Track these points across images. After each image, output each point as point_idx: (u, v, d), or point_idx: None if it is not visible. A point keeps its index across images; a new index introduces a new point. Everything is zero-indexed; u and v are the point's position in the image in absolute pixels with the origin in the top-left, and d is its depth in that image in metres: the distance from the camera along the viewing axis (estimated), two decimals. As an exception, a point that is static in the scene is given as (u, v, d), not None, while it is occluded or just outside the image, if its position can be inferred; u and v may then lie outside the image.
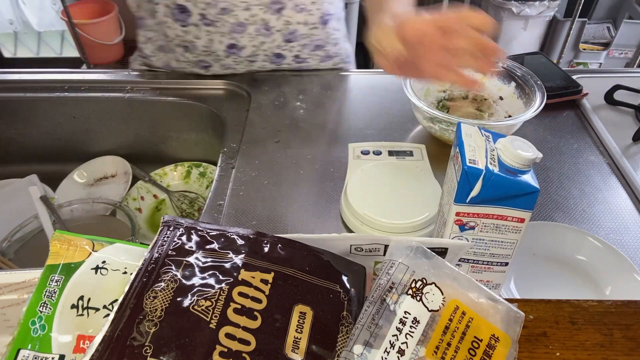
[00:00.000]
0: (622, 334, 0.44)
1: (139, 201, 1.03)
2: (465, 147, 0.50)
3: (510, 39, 2.46)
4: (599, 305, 0.46)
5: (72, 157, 1.11)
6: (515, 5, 2.31)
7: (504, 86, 0.90)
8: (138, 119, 1.07)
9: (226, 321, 0.36)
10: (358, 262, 0.45)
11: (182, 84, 1.05)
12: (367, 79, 1.06)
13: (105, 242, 0.44)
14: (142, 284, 0.38)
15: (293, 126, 0.92)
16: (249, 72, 1.06)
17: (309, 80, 1.05)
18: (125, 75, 1.08)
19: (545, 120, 0.92)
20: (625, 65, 2.52)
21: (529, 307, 0.46)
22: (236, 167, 0.83)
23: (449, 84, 0.92)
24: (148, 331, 0.35)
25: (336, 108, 0.97)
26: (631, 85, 0.95)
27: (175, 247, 0.41)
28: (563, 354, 0.43)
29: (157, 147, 1.12)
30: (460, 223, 0.51)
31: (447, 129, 0.81)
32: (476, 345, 0.38)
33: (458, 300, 0.39)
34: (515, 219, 0.50)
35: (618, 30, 2.43)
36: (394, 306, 0.38)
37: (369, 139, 0.88)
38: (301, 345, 0.37)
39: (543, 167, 0.82)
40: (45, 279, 0.40)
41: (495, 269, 0.54)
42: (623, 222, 0.72)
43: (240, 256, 0.41)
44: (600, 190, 0.78)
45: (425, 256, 0.41)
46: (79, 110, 1.07)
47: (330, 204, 0.76)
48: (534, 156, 0.47)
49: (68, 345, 0.38)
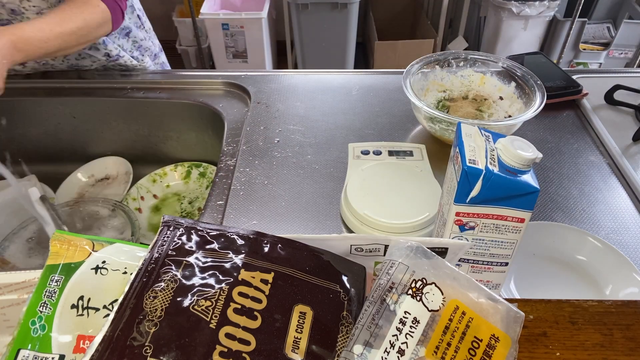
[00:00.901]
0: (622, 334, 0.44)
1: (139, 201, 1.03)
2: (465, 147, 0.50)
3: (510, 39, 2.46)
4: (599, 305, 0.46)
5: (72, 157, 1.11)
6: (515, 5, 2.31)
7: (504, 86, 0.90)
8: (138, 119, 1.07)
9: (226, 321, 0.36)
10: (358, 262, 0.45)
11: (182, 84, 1.05)
12: (367, 79, 1.06)
13: (105, 242, 0.44)
14: (142, 284, 0.38)
15: (293, 126, 0.92)
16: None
17: (309, 80, 1.05)
18: (125, 75, 1.08)
19: (545, 120, 0.93)
20: (625, 65, 2.52)
21: (529, 307, 0.46)
22: (236, 167, 0.83)
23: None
24: (148, 331, 0.35)
25: (336, 108, 0.97)
26: (631, 85, 0.95)
27: (175, 247, 0.41)
28: (563, 354, 0.43)
29: (157, 147, 1.12)
30: (460, 223, 0.51)
31: (447, 129, 0.81)
32: (476, 345, 0.38)
33: (458, 300, 0.39)
34: (515, 219, 0.50)
35: (618, 30, 2.43)
36: (394, 306, 0.38)
37: (369, 139, 0.88)
38: (301, 345, 0.37)
39: (543, 167, 0.82)
40: (45, 279, 0.40)
41: (495, 269, 0.54)
42: (623, 222, 0.72)
43: (240, 256, 0.41)
44: (600, 190, 0.78)
45: (425, 256, 0.41)
46: (79, 110, 1.07)
47: (330, 204, 0.76)
48: (534, 156, 0.47)
49: (68, 345, 0.38)
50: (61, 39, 0.85)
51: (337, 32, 2.41)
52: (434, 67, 0.91)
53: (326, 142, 0.88)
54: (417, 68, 0.88)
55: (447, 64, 0.92)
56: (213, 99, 1.02)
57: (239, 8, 2.58)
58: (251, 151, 0.86)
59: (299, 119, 0.94)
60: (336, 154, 0.85)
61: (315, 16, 2.35)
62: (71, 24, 0.85)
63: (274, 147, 0.87)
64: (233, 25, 2.39)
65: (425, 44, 2.50)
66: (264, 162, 0.84)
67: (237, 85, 1.03)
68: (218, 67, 2.57)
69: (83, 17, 0.87)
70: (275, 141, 0.89)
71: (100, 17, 0.90)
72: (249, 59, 2.53)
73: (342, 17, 2.35)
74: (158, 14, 2.80)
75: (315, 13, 2.33)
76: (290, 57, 2.69)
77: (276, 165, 0.83)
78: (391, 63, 2.49)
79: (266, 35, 2.46)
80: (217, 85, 1.05)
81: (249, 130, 0.91)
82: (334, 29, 2.40)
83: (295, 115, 0.95)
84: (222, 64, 2.56)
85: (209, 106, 1.00)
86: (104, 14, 0.90)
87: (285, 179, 0.80)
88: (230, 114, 0.97)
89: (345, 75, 1.08)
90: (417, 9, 2.84)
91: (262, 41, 2.45)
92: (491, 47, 2.52)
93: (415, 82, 0.87)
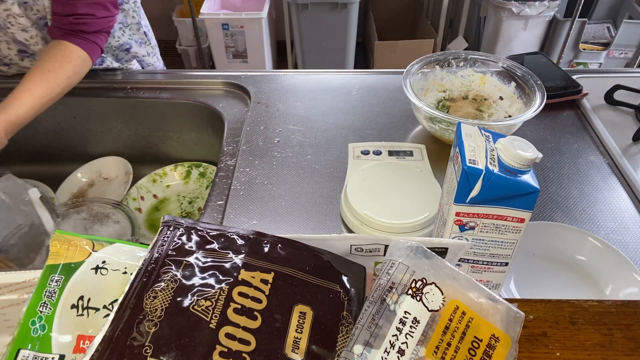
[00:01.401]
0: (622, 334, 0.44)
1: (139, 201, 1.03)
2: (465, 147, 0.50)
3: (510, 39, 2.46)
4: (599, 305, 0.46)
5: (72, 157, 1.11)
6: (515, 5, 2.31)
7: (504, 86, 0.90)
8: (138, 119, 1.07)
9: (226, 321, 0.36)
10: (358, 262, 0.45)
11: (182, 84, 1.05)
12: (367, 79, 1.06)
13: (105, 242, 0.44)
14: (142, 284, 0.38)
15: (293, 126, 0.92)
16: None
17: (309, 80, 1.05)
18: (125, 75, 1.08)
19: (545, 120, 0.92)
20: (625, 65, 2.52)
21: (529, 307, 0.46)
22: (236, 167, 0.83)
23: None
24: (148, 331, 0.35)
25: (336, 108, 0.97)
26: (631, 85, 0.95)
27: (175, 247, 0.41)
28: (563, 354, 0.43)
29: (157, 147, 1.12)
30: (460, 223, 0.51)
31: (447, 129, 0.81)
32: (476, 345, 0.38)
33: (458, 300, 0.39)
34: (515, 219, 0.50)
35: (618, 30, 2.43)
36: (394, 306, 0.38)
37: (369, 139, 0.88)
38: (301, 345, 0.37)
39: (543, 167, 0.82)
40: (45, 279, 0.40)
41: (495, 269, 0.54)
42: (623, 222, 0.72)
43: (240, 256, 0.41)
44: (600, 190, 0.78)
45: (425, 256, 0.41)
46: (79, 110, 1.07)
47: (330, 204, 0.76)
48: (533, 156, 0.47)
49: (68, 345, 0.38)
50: (49, 102, 0.87)
51: (337, 32, 2.41)
52: (434, 67, 0.91)
53: (326, 142, 0.88)
54: (417, 68, 0.88)
55: (447, 64, 0.92)
56: (213, 99, 1.02)
57: (239, 8, 2.58)
58: (251, 151, 0.86)
59: (299, 119, 0.94)
60: (336, 154, 0.85)
61: (315, 16, 2.35)
62: (57, 89, 0.88)
63: (274, 147, 0.87)
64: (233, 25, 2.39)
65: (425, 44, 2.50)
66: (264, 162, 0.84)
67: (237, 85, 1.03)
68: (218, 67, 2.57)
69: (67, 76, 0.89)
70: (275, 141, 0.89)
71: (81, 67, 0.92)
72: (249, 59, 2.53)
73: (342, 17, 2.35)
74: (158, 14, 2.80)
75: (315, 13, 2.33)
76: (290, 57, 2.69)
77: (276, 165, 0.83)
78: (391, 63, 2.49)
79: (266, 35, 2.46)
80: (217, 85, 1.05)
81: (249, 130, 0.91)
82: (334, 29, 2.40)
83: (295, 115, 0.95)
84: (222, 64, 2.56)
85: (209, 106, 1.00)
86: (84, 62, 0.92)
87: (285, 179, 0.80)
88: (230, 114, 0.97)
89: (345, 75, 1.08)
90: (417, 9, 2.84)
91: (262, 41, 2.45)
92: (491, 47, 2.52)
93: (415, 82, 0.87)
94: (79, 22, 0.90)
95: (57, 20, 0.91)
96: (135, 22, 1.10)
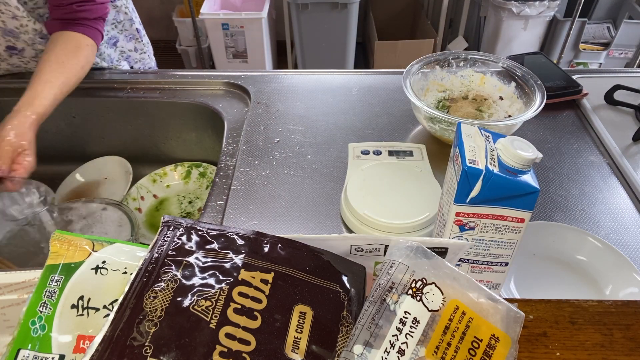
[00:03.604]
0: (622, 334, 0.44)
1: (139, 201, 1.03)
2: (465, 147, 0.50)
3: (510, 39, 2.46)
4: (599, 305, 0.46)
5: (72, 157, 1.11)
6: (515, 5, 2.31)
7: (504, 86, 0.90)
8: (138, 119, 1.07)
9: (226, 321, 0.36)
10: (358, 262, 0.45)
11: (182, 84, 1.05)
12: (367, 79, 1.06)
13: (105, 242, 0.44)
14: (142, 284, 0.38)
15: (293, 126, 0.92)
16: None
17: (309, 80, 1.05)
18: (125, 75, 1.08)
19: (545, 120, 0.93)
20: (625, 65, 2.52)
21: (529, 307, 0.46)
22: (236, 167, 0.83)
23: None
24: (148, 331, 0.35)
25: (336, 108, 0.97)
26: (631, 85, 0.95)
27: (175, 247, 0.41)
28: (563, 354, 0.43)
29: (157, 147, 1.12)
30: (460, 223, 0.51)
31: (447, 129, 0.81)
32: (476, 345, 0.38)
33: (458, 300, 0.39)
34: (515, 219, 0.50)
35: (618, 30, 2.43)
36: (394, 306, 0.38)
37: (369, 139, 0.88)
38: (301, 345, 0.37)
39: (543, 167, 0.82)
40: (45, 279, 0.40)
41: (495, 269, 0.54)
42: (623, 222, 0.72)
43: (240, 256, 0.41)
44: (600, 190, 0.78)
45: (425, 256, 0.41)
46: (79, 110, 1.07)
47: (330, 204, 0.76)
48: (533, 156, 0.47)
49: (68, 345, 0.38)
50: (67, 93, 0.89)
51: (337, 32, 2.41)
52: (434, 67, 0.91)
53: (326, 142, 0.88)
54: (417, 68, 0.88)
55: (447, 64, 0.92)
56: (213, 99, 1.02)
57: (239, 8, 2.58)
58: (251, 151, 0.86)
59: (299, 119, 0.94)
60: (336, 154, 0.85)
61: (315, 16, 2.35)
62: (74, 78, 0.90)
63: (274, 147, 0.87)
64: (233, 25, 2.39)
65: (425, 44, 2.50)
66: (264, 162, 0.84)
67: (237, 85, 1.03)
68: (218, 67, 2.57)
69: (81, 65, 0.91)
70: (275, 141, 0.89)
71: (91, 55, 0.94)
72: (249, 59, 2.53)
73: (342, 17, 2.35)
74: (158, 14, 2.80)
75: (315, 13, 2.33)
76: (290, 57, 2.69)
77: (276, 165, 0.83)
78: (391, 63, 2.49)
79: (266, 35, 2.46)
80: (217, 85, 1.05)
81: (249, 130, 0.91)
82: (334, 29, 2.40)
83: (295, 115, 0.95)
84: (222, 64, 2.56)
85: (209, 106, 1.00)
86: (92, 49, 0.94)
87: (285, 179, 0.80)
88: (230, 114, 0.97)
89: (345, 75, 1.08)
90: (417, 9, 2.84)
91: (262, 41, 2.45)
92: (491, 47, 2.52)
93: (415, 82, 0.87)
94: (81, 9, 0.90)
95: (56, 12, 0.91)
96: (128, 18, 1.11)
